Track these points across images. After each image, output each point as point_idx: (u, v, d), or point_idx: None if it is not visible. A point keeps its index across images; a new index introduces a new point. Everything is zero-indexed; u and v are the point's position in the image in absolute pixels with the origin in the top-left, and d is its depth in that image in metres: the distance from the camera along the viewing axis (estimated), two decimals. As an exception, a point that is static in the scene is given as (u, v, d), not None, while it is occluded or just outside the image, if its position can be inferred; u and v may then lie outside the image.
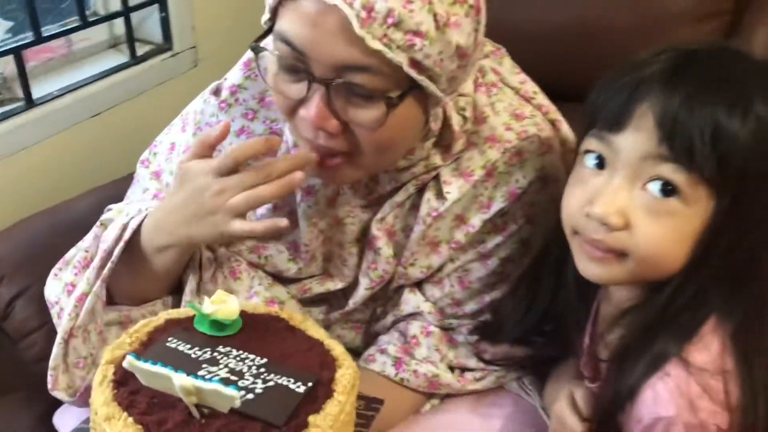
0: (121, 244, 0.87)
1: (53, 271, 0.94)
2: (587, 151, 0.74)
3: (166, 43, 1.52)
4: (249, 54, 0.93)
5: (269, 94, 0.92)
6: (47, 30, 1.33)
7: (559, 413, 0.86)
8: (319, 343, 0.75)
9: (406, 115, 0.78)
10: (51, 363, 0.89)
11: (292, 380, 0.69)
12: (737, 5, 1.24)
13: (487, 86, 0.92)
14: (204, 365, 0.70)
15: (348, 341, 1.01)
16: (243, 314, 0.75)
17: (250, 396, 0.66)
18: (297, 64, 0.76)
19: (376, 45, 0.70)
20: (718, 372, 0.72)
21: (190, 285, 0.92)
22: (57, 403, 1.07)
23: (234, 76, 0.95)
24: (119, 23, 1.47)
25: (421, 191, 0.91)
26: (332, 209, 0.93)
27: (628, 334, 0.76)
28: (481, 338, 0.96)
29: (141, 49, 1.49)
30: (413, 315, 0.98)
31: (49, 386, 0.90)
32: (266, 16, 0.78)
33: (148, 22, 1.51)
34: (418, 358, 0.96)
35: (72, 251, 0.94)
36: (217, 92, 0.96)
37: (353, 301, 0.98)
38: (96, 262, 0.88)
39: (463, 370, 0.98)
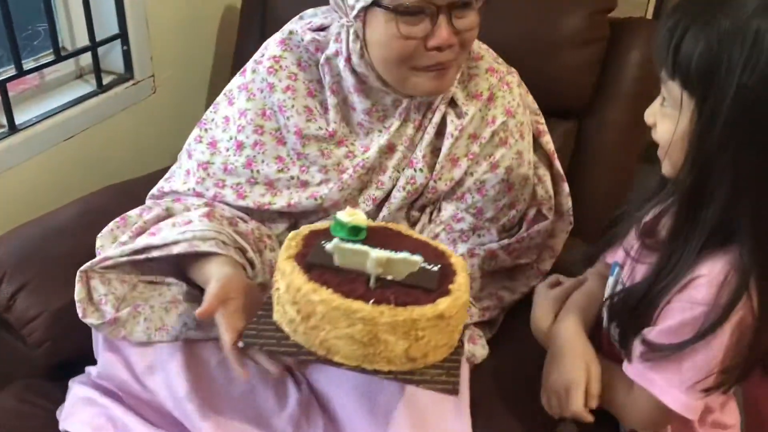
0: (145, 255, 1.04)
1: (110, 225, 1.11)
2: None
3: (128, 73, 1.65)
4: (281, 35, 1.18)
5: (304, 60, 1.17)
6: (26, 64, 1.46)
7: (566, 384, 0.97)
8: (427, 243, 0.96)
9: None
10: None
11: (426, 263, 0.88)
12: (613, 33, 1.46)
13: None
14: None
15: None
16: None
17: None
18: (421, 7, 1.01)
19: None
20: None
21: None
22: (53, 392, 1.19)
23: (272, 50, 1.18)
24: (86, 56, 1.60)
25: (443, 119, 1.16)
26: (393, 138, 1.16)
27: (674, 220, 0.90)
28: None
29: (105, 79, 1.62)
30: (451, 226, 1.20)
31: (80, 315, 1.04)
32: None
33: (112, 55, 1.64)
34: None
35: (133, 216, 1.12)
36: (258, 63, 1.18)
37: (387, 209, 1.18)
38: (132, 245, 1.05)
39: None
